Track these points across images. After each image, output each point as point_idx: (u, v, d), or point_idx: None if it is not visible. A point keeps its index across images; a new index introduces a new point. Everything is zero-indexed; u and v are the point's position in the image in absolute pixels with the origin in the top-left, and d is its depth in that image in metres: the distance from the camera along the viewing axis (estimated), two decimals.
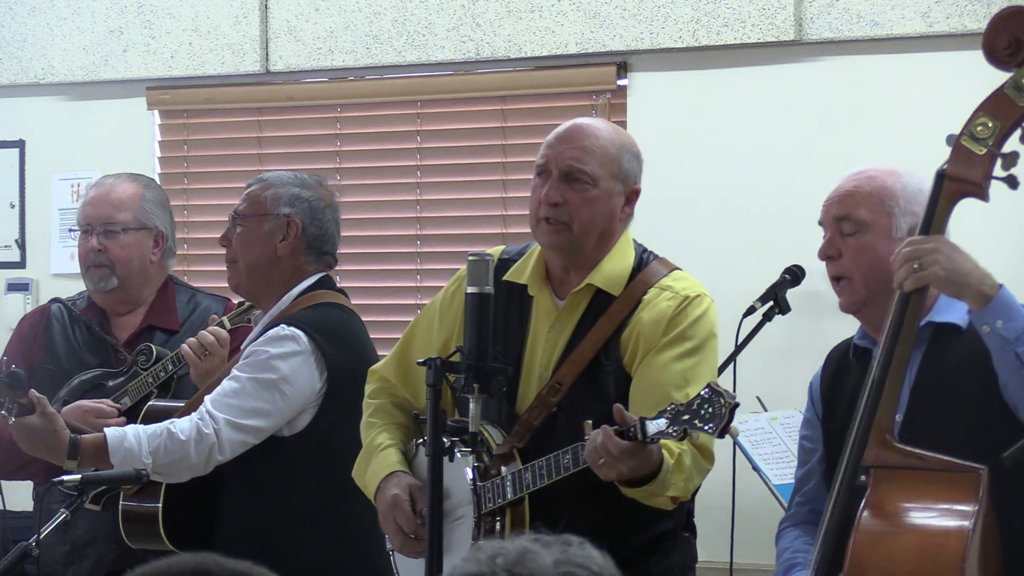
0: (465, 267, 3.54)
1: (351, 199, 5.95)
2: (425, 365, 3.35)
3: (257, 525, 4.14)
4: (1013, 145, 3.24)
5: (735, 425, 3.22)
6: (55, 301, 4.74)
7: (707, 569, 4.53)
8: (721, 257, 5.36)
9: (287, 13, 6.06)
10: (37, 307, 5.15)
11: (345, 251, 5.67)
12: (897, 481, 3.22)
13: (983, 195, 3.24)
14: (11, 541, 4.32)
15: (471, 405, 3.34)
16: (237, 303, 4.48)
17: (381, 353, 4.15)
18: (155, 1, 6.25)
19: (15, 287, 6.47)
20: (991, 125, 3.22)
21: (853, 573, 3.16)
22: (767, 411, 5.00)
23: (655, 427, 3.24)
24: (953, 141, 3.24)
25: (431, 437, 3.30)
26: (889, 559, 3.16)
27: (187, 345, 4.33)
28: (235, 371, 4.13)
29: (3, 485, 4.58)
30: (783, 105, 5.42)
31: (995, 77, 3.26)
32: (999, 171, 3.22)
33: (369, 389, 3.91)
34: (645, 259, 3.68)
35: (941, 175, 3.26)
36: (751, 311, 4.89)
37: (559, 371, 3.60)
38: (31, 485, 4.64)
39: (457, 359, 3.35)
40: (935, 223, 3.26)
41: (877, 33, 5.27)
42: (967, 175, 3.23)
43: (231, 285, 4.29)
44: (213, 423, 4.05)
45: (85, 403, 4.42)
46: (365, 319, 4.41)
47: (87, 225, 4.63)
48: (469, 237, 5.79)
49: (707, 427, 3.20)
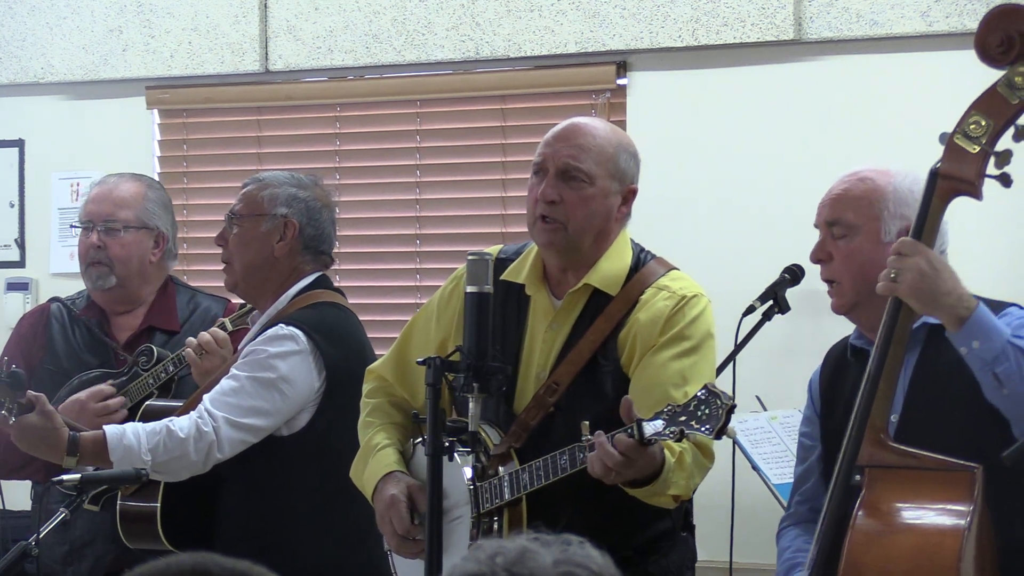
0: (462, 266, 3.54)
1: (350, 199, 5.96)
2: (424, 364, 3.35)
3: (256, 524, 4.14)
4: (1006, 143, 3.23)
5: (732, 427, 3.22)
6: (54, 300, 4.74)
7: (707, 569, 4.53)
8: (720, 256, 5.35)
9: (286, 12, 6.06)
10: (36, 306, 5.14)
11: (344, 251, 5.69)
12: (892, 481, 3.21)
13: (976, 193, 3.23)
14: (10, 541, 4.31)
15: (471, 404, 3.33)
16: (239, 305, 4.47)
17: (379, 352, 4.15)
18: (154, 0, 6.25)
19: (15, 286, 6.47)
20: (984, 123, 3.21)
21: (849, 573, 3.16)
22: (767, 410, 5.00)
23: (652, 428, 3.23)
24: (946, 139, 3.24)
25: (430, 436, 3.30)
26: (885, 559, 3.16)
27: (188, 346, 4.33)
28: (234, 370, 4.13)
29: (2, 485, 4.57)
30: (782, 104, 5.41)
31: (994, 76, 3.26)
32: (992, 169, 3.22)
33: (367, 388, 3.91)
34: (643, 259, 3.67)
35: (934, 173, 3.25)
36: (750, 310, 4.89)
37: (556, 371, 3.60)
38: (30, 485, 4.63)
39: (456, 358, 3.35)
40: (928, 222, 3.25)
41: (876, 32, 5.26)
42: (960, 173, 3.22)
43: (227, 285, 4.28)
44: (212, 421, 4.05)
45: (80, 395, 4.41)
46: (364, 319, 4.41)
47: (88, 221, 4.62)
48: (468, 237, 5.78)
49: (704, 428, 3.19)
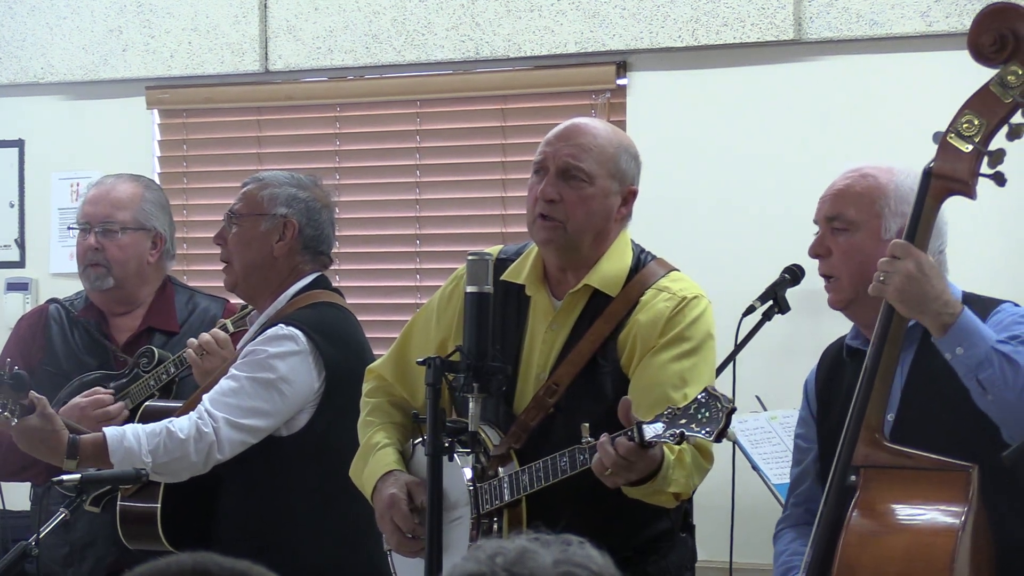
0: (462, 267, 3.54)
1: (350, 199, 5.96)
2: (425, 364, 3.34)
3: (256, 525, 4.13)
4: (1000, 142, 3.22)
5: (732, 430, 3.21)
6: (52, 302, 4.73)
7: (706, 569, 4.53)
8: (720, 256, 5.35)
9: (286, 12, 6.06)
10: (35, 308, 5.13)
11: (344, 251, 5.69)
12: (887, 481, 3.21)
13: (970, 193, 3.23)
14: (11, 541, 4.31)
15: (471, 405, 3.33)
16: (240, 306, 4.46)
17: (379, 352, 4.15)
18: (154, 0, 6.25)
19: (15, 287, 6.47)
20: (977, 122, 3.21)
21: (843, 574, 3.15)
22: (766, 410, 5.00)
23: (652, 431, 3.23)
24: (939, 139, 3.23)
25: (430, 436, 3.29)
26: (879, 559, 3.15)
27: (189, 347, 4.33)
28: (233, 370, 4.12)
29: (2, 485, 4.57)
30: (782, 104, 5.41)
31: (991, 76, 3.26)
32: (986, 168, 3.21)
33: (366, 388, 3.91)
34: (643, 260, 3.67)
35: (927, 173, 3.25)
36: (750, 310, 4.89)
37: (556, 372, 3.59)
38: (30, 485, 4.63)
39: (456, 358, 3.35)
40: (922, 222, 3.25)
41: (876, 32, 5.26)
42: (954, 172, 3.22)
43: (226, 285, 4.27)
44: (212, 422, 4.05)
45: (79, 400, 4.41)
46: (364, 319, 4.41)
47: (86, 223, 4.62)
48: (468, 237, 5.78)
49: (704, 431, 3.19)
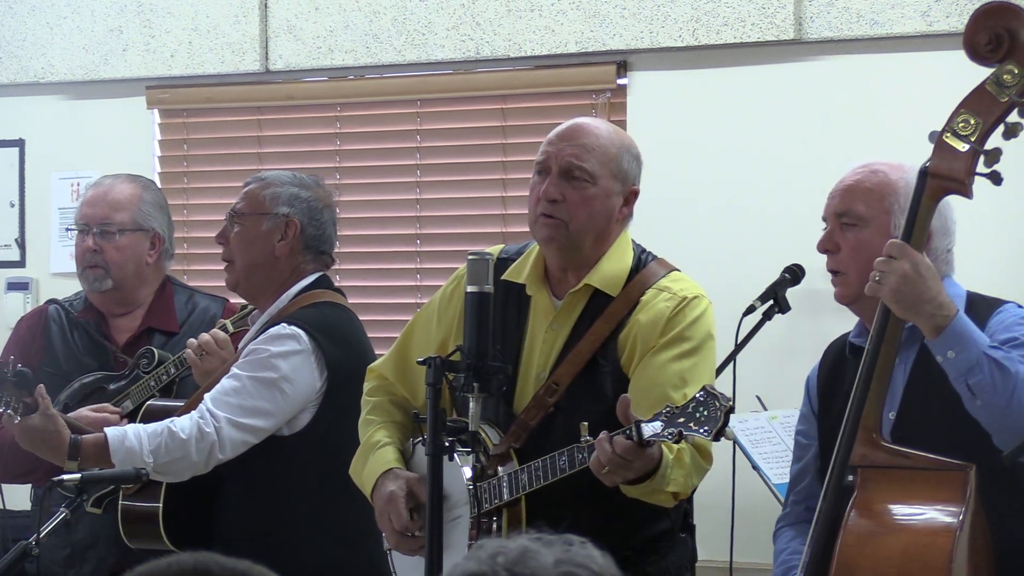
0: (463, 266, 3.54)
1: (351, 199, 5.95)
2: (425, 364, 3.34)
3: (257, 524, 4.13)
4: (996, 141, 3.22)
5: (730, 428, 3.21)
6: (52, 302, 4.72)
7: (707, 568, 4.53)
8: (721, 256, 5.35)
9: (287, 12, 6.06)
10: (34, 309, 5.13)
11: (345, 251, 5.69)
12: (884, 480, 3.21)
13: (967, 192, 3.23)
14: (11, 541, 4.30)
15: (471, 404, 3.32)
16: (240, 306, 4.46)
17: (380, 352, 4.15)
18: (154, 0, 6.25)
19: (15, 286, 6.47)
20: (973, 121, 3.21)
21: (841, 574, 3.15)
22: (767, 410, 5.00)
23: (650, 430, 3.23)
24: (935, 138, 3.24)
25: (430, 436, 3.29)
26: (876, 559, 3.15)
27: (189, 347, 4.33)
28: (235, 369, 4.12)
29: (3, 485, 4.57)
30: (783, 104, 5.41)
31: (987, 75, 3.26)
32: (982, 167, 3.21)
33: (367, 387, 3.91)
34: (644, 260, 3.67)
35: (924, 172, 3.25)
36: (751, 310, 4.88)
37: (556, 371, 3.60)
38: (30, 486, 4.62)
39: (457, 358, 3.34)
40: (919, 221, 3.26)
41: (877, 32, 5.26)
42: (950, 172, 3.22)
43: (228, 284, 4.28)
44: (214, 421, 4.05)
45: (87, 414, 4.40)
46: (364, 319, 4.41)
47: (84, 225, 4.61)
48: (469, 236, 5.78)
49: (702, 430, 3.19)
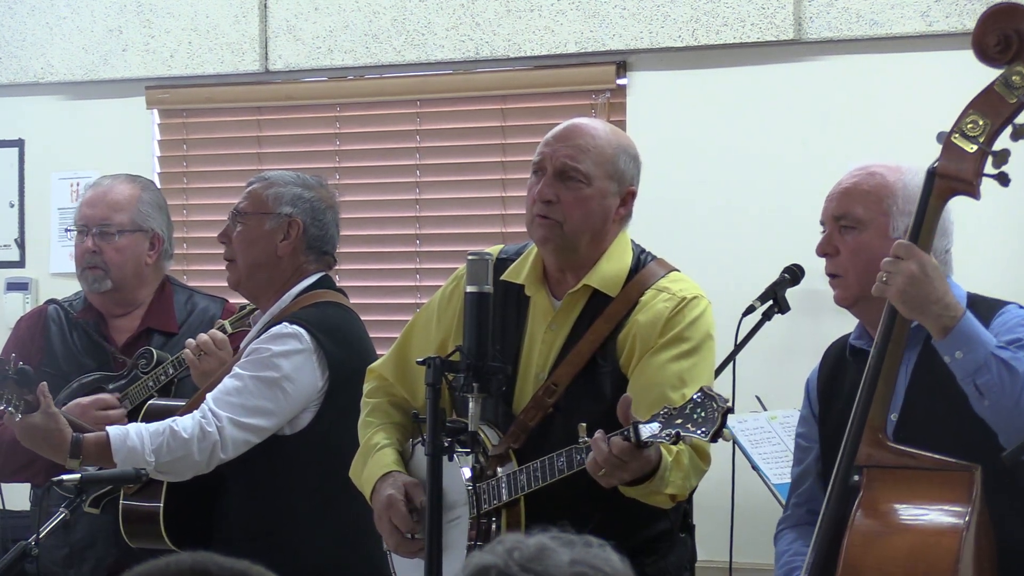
0: (463, 266, 3.54)
1: (351, 199, 5.95)
2: (425, 364, 3.34)
3: (258, 524, 4.13)
4: (1004, 142, 3.22)
5: (727, 430, 3.21)
6: (51, 303, 4.72)
7: (706, 569, 4.53)
8: (720, 256, 5.35)
9: (286, 12, 6.06)
10: (33, 309, 5.12)
11: (345, 251, 5.67)
12: (890, 481, 3.21)
13: (974, 193, 3.23)
14: (10, 541, 4.30)
15: (470, 404, 3.32)
16: (239, 306, 4.46)
17: (380, 352, 4.15)
18: (154, 0, 6.25)
19: (14, 286, 6.47)
20: (981, 122, 3.21)
21: (847, 574, 3.15)
22: (766, 410, 5.00)
23: (648, 431, 3.23)
24: (944, 139, 3.23)
25: (430, 436, 3.28)
26: (883, 560, 3.15)
27: (187, 347, 4.33)
28: (237, 369, 4.12)
29: (3, 485, 4.57)
30: (782, 104, 5.41)
31: (995, 76, 3.25)
32: (990, 168, 3.21)
33: (367, 388, 3.90)
34: (643, 260, 3.67)
35: (932, 173, 3.25)
36: (750, 310, 4.88)
37: (555, 372, 3.59)
38: (30, 486, 4.62)
39: (456, 358, 3.34)
40: (926, 222, 3.25)
41: (876, 32, 5.26)
42: (958, 172, 3.22)
43: (230, 283, 4.28)
44: (216, 421, 4.05)
45: (82, 399, 4.41)
46: (364, 319, 4.40)
47: (83, 225, 4.61)
48: (468, 237, 5.78)
49: (699, 431, 3.19)
